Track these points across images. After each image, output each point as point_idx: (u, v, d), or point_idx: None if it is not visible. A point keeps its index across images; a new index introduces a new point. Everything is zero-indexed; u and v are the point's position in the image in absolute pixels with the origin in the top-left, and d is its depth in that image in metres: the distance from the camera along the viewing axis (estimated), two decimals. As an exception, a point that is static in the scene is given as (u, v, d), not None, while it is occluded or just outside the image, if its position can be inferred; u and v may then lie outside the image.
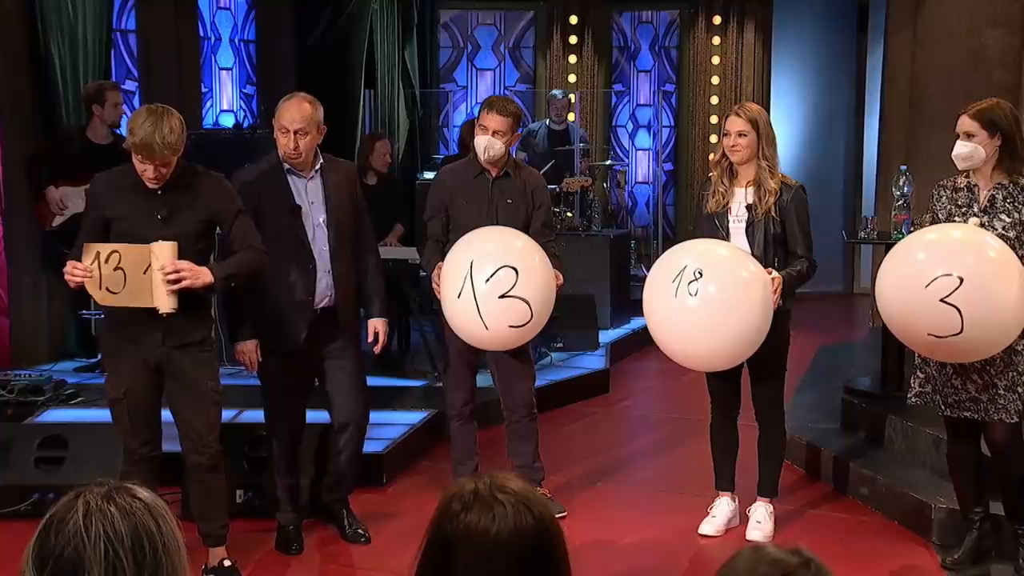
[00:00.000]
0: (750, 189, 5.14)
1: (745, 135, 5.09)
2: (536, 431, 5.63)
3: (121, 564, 1.69)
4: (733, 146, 5.11)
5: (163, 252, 4.31)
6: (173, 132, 4.30)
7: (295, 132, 4.83)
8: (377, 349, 5.21)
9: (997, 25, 7.82)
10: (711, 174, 5.31)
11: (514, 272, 4.98)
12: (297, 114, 4.85)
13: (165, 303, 4.33)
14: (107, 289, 4.35)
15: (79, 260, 4.35)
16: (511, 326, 5.03)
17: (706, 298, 4.74)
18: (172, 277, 4.29)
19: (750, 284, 4.83)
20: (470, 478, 1.92)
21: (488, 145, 5.35)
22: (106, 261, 4.31)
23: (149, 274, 4.32)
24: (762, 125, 5.11)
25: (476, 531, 1.84)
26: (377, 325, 5.16)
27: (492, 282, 4.97)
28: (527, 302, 5.00)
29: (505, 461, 5.61)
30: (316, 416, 5.26)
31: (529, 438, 5.59)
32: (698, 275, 4.74)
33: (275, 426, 5.14)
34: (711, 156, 5.41)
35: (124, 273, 4.33)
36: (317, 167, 5.00)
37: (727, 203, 5.16)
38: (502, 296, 4.97)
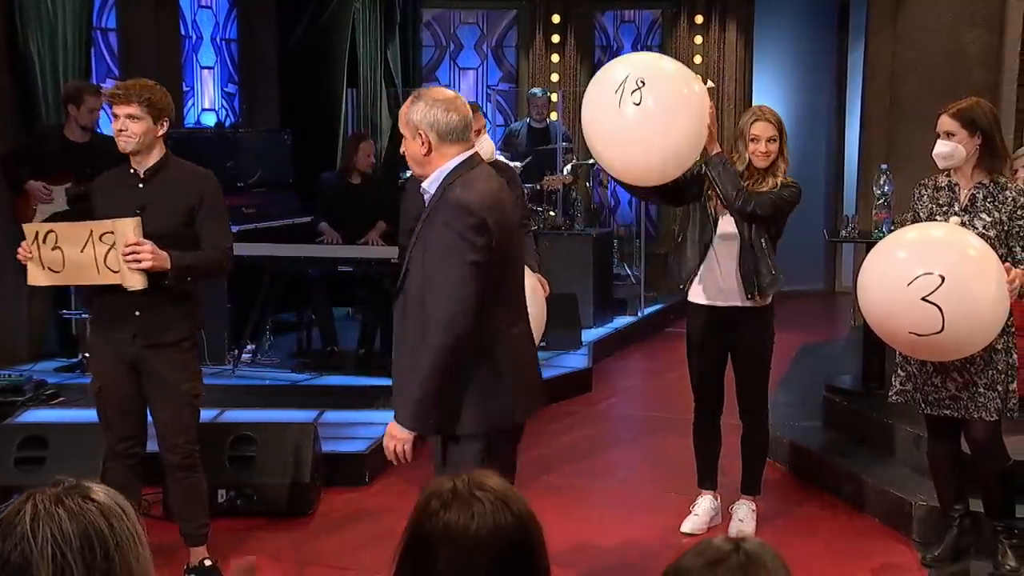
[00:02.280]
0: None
1: (775, 140, 5.07)
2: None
3: (69, 567, 1.66)
4: (766, 152, 5.06)
5: (126, 228, 4.25)
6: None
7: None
8: None
9: (977, 24, 7.85)
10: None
11: None
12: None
13: (132, 280, 4.27)
14: (49, 268, 4.38)
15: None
16: None
17: (646, 108, 4.64)
18: (129, 254, 4.21)
19: (690, 101, 4.73)
20: (448, 476, 1.91)
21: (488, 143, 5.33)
22: (44, 241, 4.33)
23: (89, 252, 4.29)
24: (783, 128, 5.12)
25: (455, 529, 1.84)
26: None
27: None
28: None
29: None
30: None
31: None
32: (641, 84, 4.69)
33: None
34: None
35: (62, 252, 4.33)
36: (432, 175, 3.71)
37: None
38: None
